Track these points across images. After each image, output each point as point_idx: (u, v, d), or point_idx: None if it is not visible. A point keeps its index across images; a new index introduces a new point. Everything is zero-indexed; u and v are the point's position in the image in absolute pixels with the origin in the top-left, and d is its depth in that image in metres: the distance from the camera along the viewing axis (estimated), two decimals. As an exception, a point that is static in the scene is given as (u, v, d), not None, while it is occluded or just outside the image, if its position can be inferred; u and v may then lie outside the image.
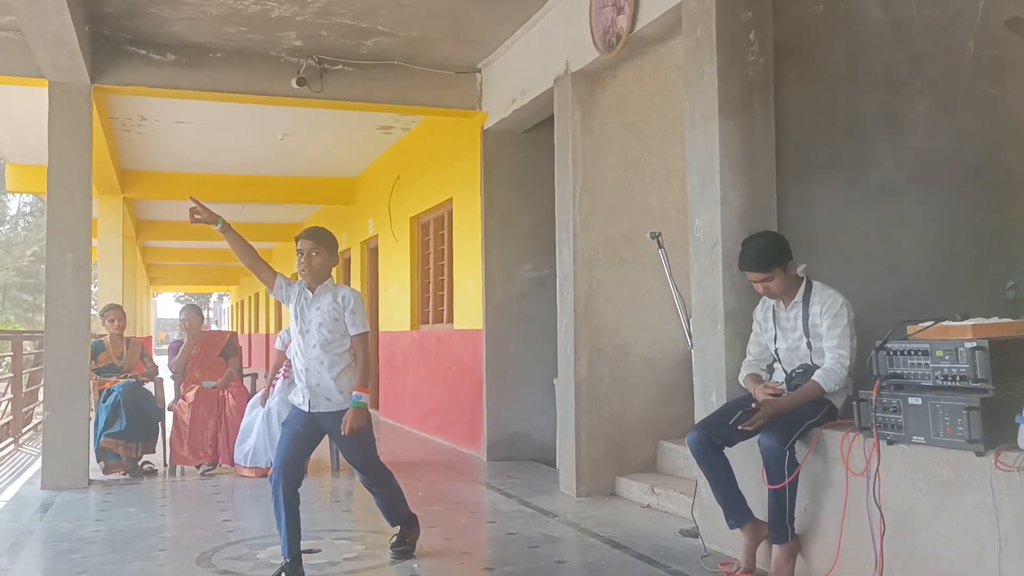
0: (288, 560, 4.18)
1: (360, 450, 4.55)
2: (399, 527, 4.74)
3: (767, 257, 4.13)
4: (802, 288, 4.19)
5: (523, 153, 8.08)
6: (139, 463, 7.42)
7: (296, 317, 4.43)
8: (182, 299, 45.04)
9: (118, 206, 13.01)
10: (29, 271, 41.64)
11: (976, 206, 5.08)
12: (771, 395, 4.07)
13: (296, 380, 4.48)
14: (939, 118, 5.06)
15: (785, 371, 4.23)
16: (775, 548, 4.01)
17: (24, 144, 10.43)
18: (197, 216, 4.32)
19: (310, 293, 4.44)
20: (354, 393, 4.35)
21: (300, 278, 4.48)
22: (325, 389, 4.38)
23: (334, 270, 4.59)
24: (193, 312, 7.93)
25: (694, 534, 4.83)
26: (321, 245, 4.43)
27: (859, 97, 4.99)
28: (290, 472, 4.28)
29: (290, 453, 4.32)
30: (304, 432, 4.38)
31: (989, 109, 5.15)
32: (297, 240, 4.45)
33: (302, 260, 4.41)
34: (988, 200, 5.10)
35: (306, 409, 4.39)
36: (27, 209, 44.04)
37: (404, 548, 4.67)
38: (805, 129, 4.86)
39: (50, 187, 6.91)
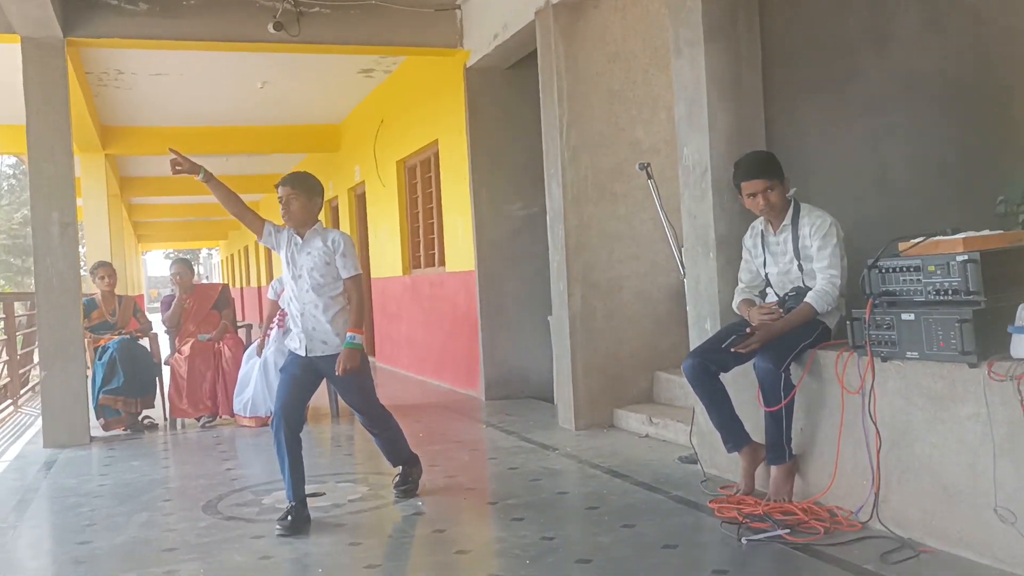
0: (293, 504, 4.22)
1: (359, 392, 4.57)
2: (401, 467, 4.80)
3: (772, 164, 4.14)
4: (790, 211, 4.19)
5: (507, 90, 7.98)
6: (139, 418, 7.45)
7: (288, 263, 4.42)
8: (171, 256, 44.84)
9: (100, 163, 12.86)
10: (17, 234, 41.37)
11: (965, 121, 5.04)
12: (766, 315, 4.09)
13: (292, 325, 4.48)
14: (926, 33, 5.00)
15: (778, 295, 4.24)
16: (773, 469, 4.06)
17: (1, 104, 10.26)
18: (178, 167, 4.29)
19: (299, 239, 4.42)
20: (348, 333, 4.36)
21: (286, 225, 4.46)
22: (321, 333, 4.38)
23: (322, 216, 4.56)
24: (184, 266, 7.90)
25: (693, 460, 4.89)
26: (299, 189, 4.38)
27: (845, 14, 4.92)
28: (290, 416, 4.31)
29: (289, 397, 4.34)
30: (302, 376, 4.40)
31: (975, 22, 5.09)
32: (277, 187, 4.42)
33: (282, 207, 4.38)
34: (977, 114, 5.07)
35: (303, 354, 4.40)
36: (10, 171, 43.60)
37: (407, 487, 4.73)
38: (791, 49, 4.81)
39: (30, 146, 6.82)
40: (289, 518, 4.16)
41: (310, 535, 4.09)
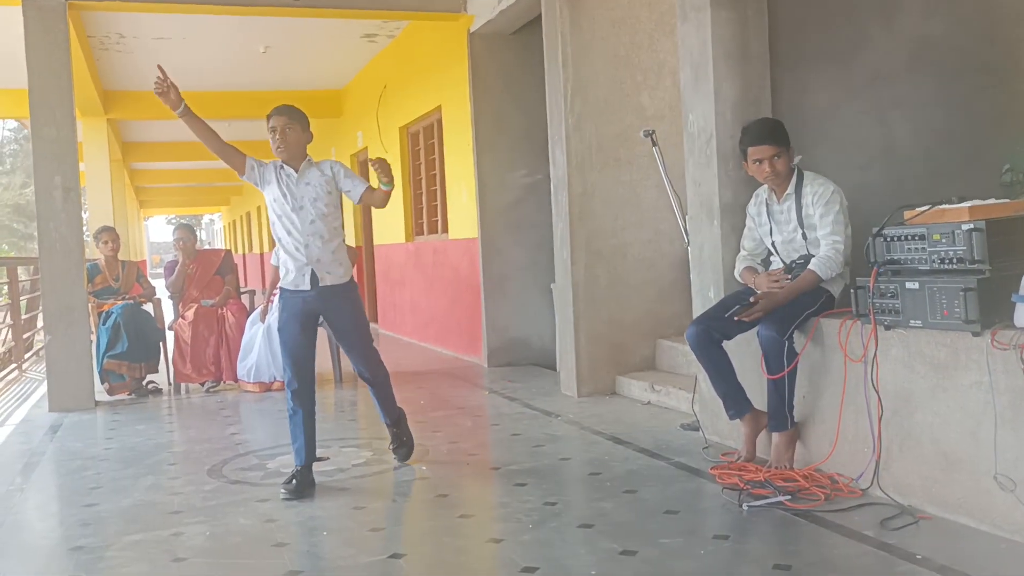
0: (300, 467, 4.25)
1: (355, 330, 4.52)
2: (392, 431, 4.73)
3: (780, 131, 4.14)
4: (794, 180, 4.18)
5: (512, 56, 7.92)
6: (143, 383, 7.49)
7: (284, 196, 4.33)
8: (174, 221, 44.77)
9: (102, 128, 12.81)
10: (20, 207, 41.29)
11: (971, 90, 5.00)
12: (774, 283, 4.09)
13: (292, 262, 4.35)
14: (933, 1, 4.94)
15: (784, 262, 4.23)
16: (775, 436, 4.08)
17: (3, 68, 10.20)
18: (160, 88, 4.21)
19: (294, 171, 4.36)
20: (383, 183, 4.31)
21: (277, 158, 4.40)
22: (326, 264, 4.34)
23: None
24: (187, 231, 7.90)
25: (695, 427, 4.91)
26: (294, 120, 4.34)
27: (853, -19, 4.86)
28: (305, 378, 4.30)
29: (299, 363, 4.31)
30: (303, 335, 4.35)
31: (985, -11, 5.03)
32: (268, 118, 4.35)
33: (276, 137, 4.31)
34: (984, 83, 5.02)
35: (306, 287, 4.32)
36: (12, 136, 43.46)
37: (404, 449, 4.72)
38: (798, 15, 4.76)
39: (32, 110, 6.79)
40: (294, 482, 4.19)
41: (315, 499, 4.13)
